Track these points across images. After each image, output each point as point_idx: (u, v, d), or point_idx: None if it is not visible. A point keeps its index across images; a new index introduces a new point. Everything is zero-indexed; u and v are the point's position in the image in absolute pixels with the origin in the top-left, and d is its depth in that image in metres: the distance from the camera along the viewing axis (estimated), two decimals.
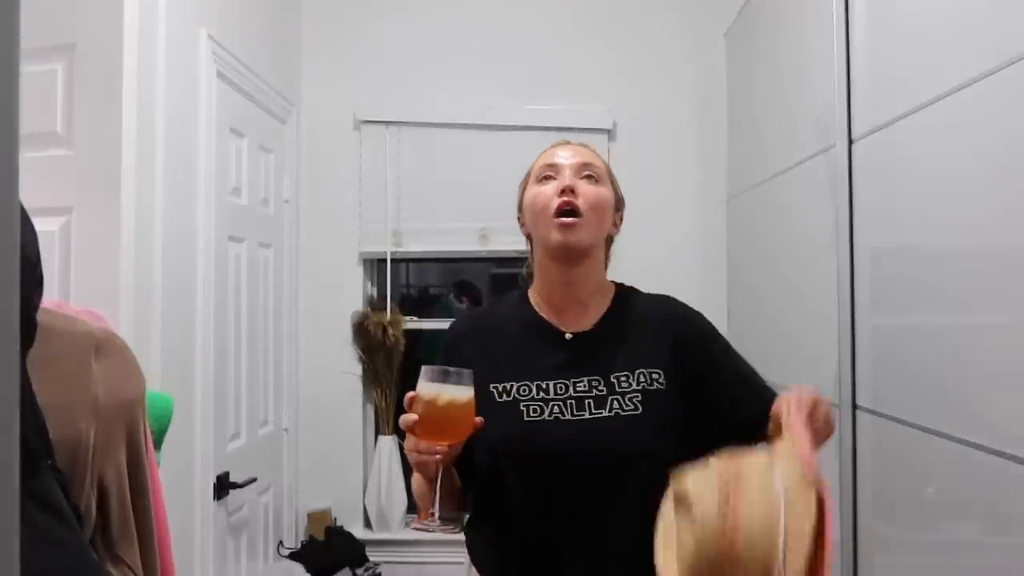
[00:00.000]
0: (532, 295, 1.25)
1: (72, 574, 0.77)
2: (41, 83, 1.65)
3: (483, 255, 2.84)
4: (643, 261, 2.84)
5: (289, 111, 2.74)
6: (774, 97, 2.13)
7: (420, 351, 2.97)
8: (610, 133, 2.78)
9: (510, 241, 2.75)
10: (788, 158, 1.95)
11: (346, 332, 2.82)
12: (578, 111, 2.77)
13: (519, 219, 1.29)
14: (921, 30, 1.30)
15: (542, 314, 1.22)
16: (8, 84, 0.38)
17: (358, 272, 2.86)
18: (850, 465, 1.52)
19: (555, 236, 1.14)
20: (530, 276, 1.28)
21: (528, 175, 1.27)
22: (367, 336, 2.76)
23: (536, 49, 2.83)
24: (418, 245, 2.81)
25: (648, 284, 2.97)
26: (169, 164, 1.84)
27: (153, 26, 1.78)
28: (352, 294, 2.85)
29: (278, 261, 2.65)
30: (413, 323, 2.87)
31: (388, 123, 2.81)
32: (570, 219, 1.13)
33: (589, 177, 1.19)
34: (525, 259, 1.31)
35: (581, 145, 1.26)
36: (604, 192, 1.19)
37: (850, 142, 1.56)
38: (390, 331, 2.75)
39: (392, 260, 2.82)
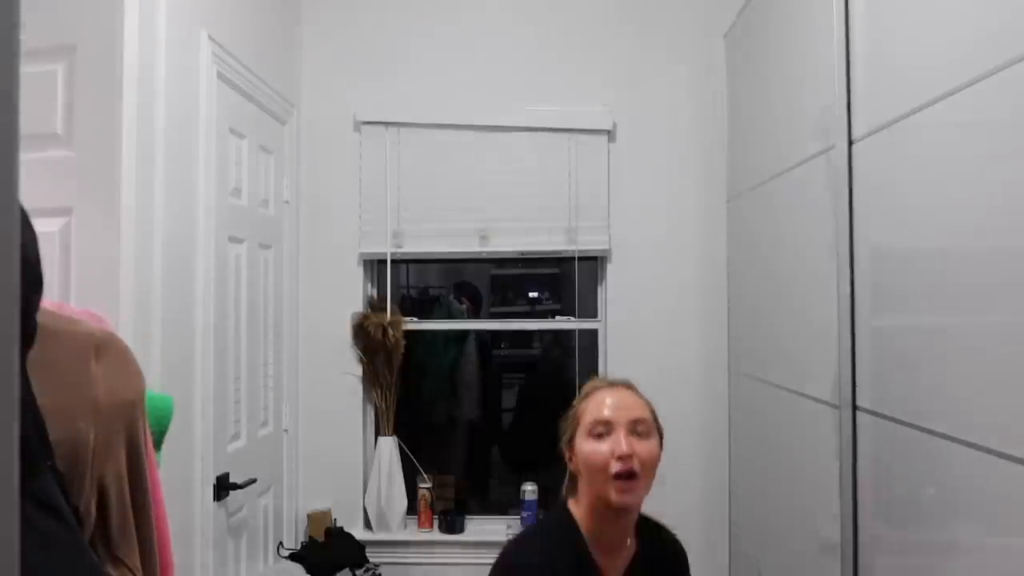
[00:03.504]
0: (580, 524, 1.30)
1: (71, 575, 0.77)
2: (41, 84, 1.66)
3: (483, 256, 2.84)
4: (644, 262, 2.85)
5: (289, 112, 2.75)
6: (774, 98, 2.13)
7: (420, 352, 2.97)
8: (610, 134, 2.78)
9: (510, 242, 2.77)
10: (788, 159, 1.95)
11: (346, 333, 2.82)
12: (578, 112, 2.77)
13: (566, 453, 1.33)
14: (921, 30, 1.30)
15: (591, 550, 1.28)
16: (8, 85, 0.38)
17: (358, 273, 2.86)
18: (850, 465, 1.52)
19: (614, 497, 1.22)
20: (571, 491, 1.35)
21: (575, 416, 1.32)
22: (367, 337, 2.76)
23: (536, 49, 2.83)
24: (418, 246, 2.81)
25: (648, 284, 2.95)
26: (169, 165, 1.84)
27: (153, 26, 1.78)
28: (352, 295, 2.85)
29: (278, 262, 2.65)
30: (413, 324, 2.87)
31: (388, 124, 2.81)
32: (628, 481, 1.22)
33: (639, 432, 1.25)
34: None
35: (626, 387, 1.33)
36: (654, 448, 1.26)
37: (850, 143, 1.56)
38: (390, 332, 2.75)
39: (392, 261, 2.82)
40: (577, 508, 1.31)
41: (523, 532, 1.42)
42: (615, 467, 1.21)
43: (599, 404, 1.28)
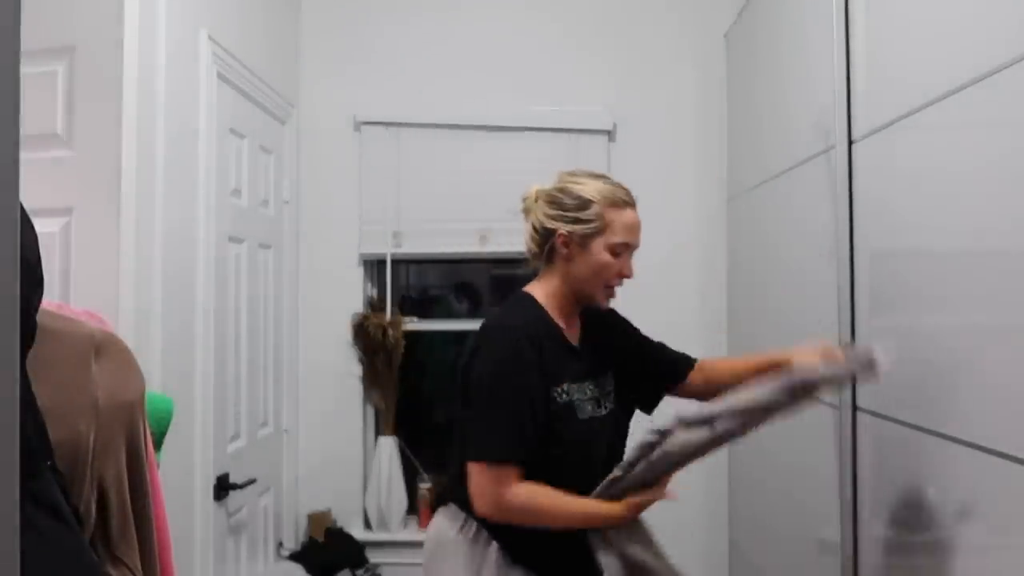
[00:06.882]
0: (546, 304, 1.48)
1: (71, 575, 0.77)
2: (41, 84, 1.66)
3: (483, 256, 2.84)
4: (644, 262, 2.83)
5: (289, 112, 2.74)
6: (774, 97, 2.13)
7: (420, 352, 2.97)
8: (610, 134, 2.78)
9: (510, 242, 2.76)
10: (788, 159, 1.95)
11: (346, 333, 2.81)
12: (578, 112, 2.77)
13: (562, 233, 1.44)
14: (921, 30, 1.30)
15: (559, 323, 1.48)
16: (9, 85, 0.38)
17: (358, 273, 2.86)
18: (850, 465, 1.52)
19: (601, 301, 1.48)
20: (535, 269, 1.54)
21: (604, 222, 1.43)
22: (367, 337, 2.76)
23: (536, 50, 2.83)
24: (418, 246, 2.81)
25: (649, 285, 2.97)
26: (169, 165, 1.84)
27: (153, 27, 1.78)
28: (352, 295, 2.85)
29: (278, 262, 2.65)
30: (413, 324, 2.87)
31: (388, 124, 2.81)
32: (613, 290, 1.48)
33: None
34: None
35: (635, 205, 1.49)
36: None
37: (850, 143, 1.56)
38: (390, 332, 2.75)
39: (392, 261, 2.82)
40: (538, 286, 1.50)
41: (490, 316, 1.56)
42: (614, 281, 1.45)
43: (629, 227, 1.44)
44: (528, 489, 1.34)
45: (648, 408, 1.61)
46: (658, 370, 1.60)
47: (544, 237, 1.47)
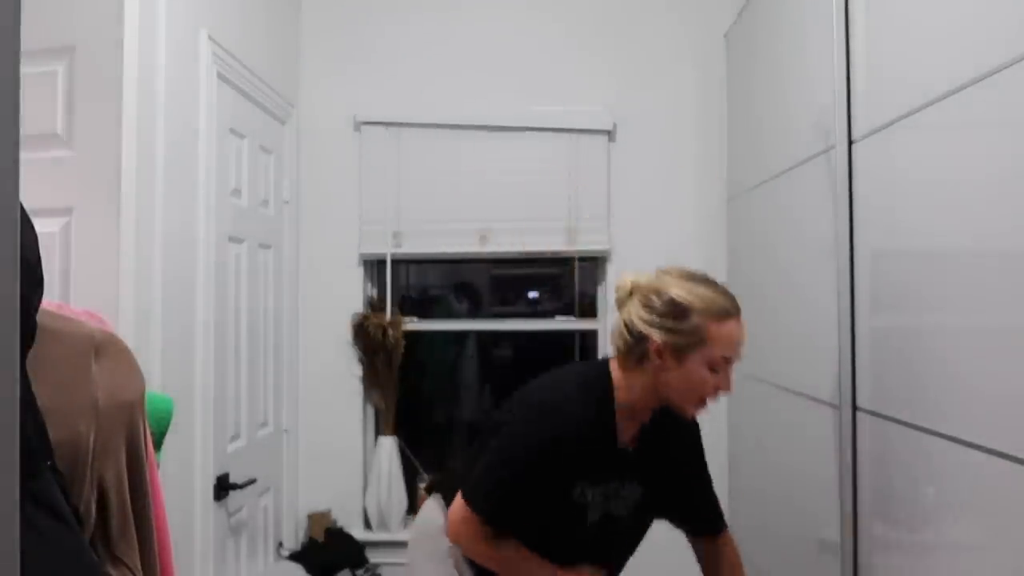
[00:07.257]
0: (619, 395, 1.39)
1: (71, 575, 0.77)
2: (41, 84, 1.66)
3: (483, 256, 2.84)
4: (644, 262, 2.84)
5: (289, 112, 2.75)
6: (774, 97, 2.13)
7: (420, 352, 2.97)
8: (610, 134, 2.78)
9: (510, 242, 2.77)
10: (788, 159, 1.95)
11: (346, 333, 2.82)
12: (578, 112, 2.77)
13: (656, 340, 1.32)
14: (921, 30, 1.30)
15: (619, 420, 1.39)
16: (9, 85, 0.38)
17: (358, 273, 2.86)
18: (850, 465, 1.52)
19: (692, 413, 1.38)
20: (626, 359, 1.39)
21: (701, 336, 1.29)
22: (367, 337, 2.76)
23: (536, 50, 2.83)
24: (418, 246, 2.81)
25: None
26: (169, 165, 1.84)
27: (153, 27, 1.78)
28: (352, 295, 2.85)
29: (278, 262, 2.65)
30: (413, 324, 2.87)
31: (388, 124, 2.81)
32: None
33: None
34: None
35: (740, 315, 1.35)
36: None
37: (850, 143, 1.56)
38: (390, 332, 2.75)
39: (392, 261, 2.82)
40: (621, 375, 1.38)
41: (565, 375, 1.44)
42: (709, 395, 1.32)
43: (731, 341, 1.30)
44: (491, 548, 1.38)
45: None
46: (692, 512, 1.56)
47: (636, 339, 1.34)
